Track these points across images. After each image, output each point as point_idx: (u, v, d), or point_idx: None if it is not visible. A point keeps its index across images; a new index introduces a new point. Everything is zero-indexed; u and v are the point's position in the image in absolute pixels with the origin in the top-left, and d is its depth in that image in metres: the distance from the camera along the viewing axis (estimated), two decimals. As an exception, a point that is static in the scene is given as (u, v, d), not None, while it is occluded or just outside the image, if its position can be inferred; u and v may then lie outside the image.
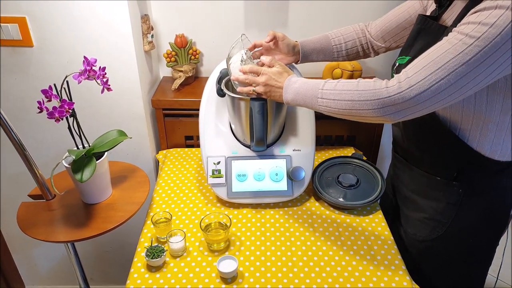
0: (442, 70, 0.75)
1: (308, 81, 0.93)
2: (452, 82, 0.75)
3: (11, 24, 1.22)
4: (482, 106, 0.85)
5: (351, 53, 1.18)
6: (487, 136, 0.89)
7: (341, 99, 0.85)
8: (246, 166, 1.18)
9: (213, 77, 1.20)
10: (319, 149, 1.46)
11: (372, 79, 0.85)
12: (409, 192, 1.09)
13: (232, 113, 1.15)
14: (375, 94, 0.81)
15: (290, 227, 1.12)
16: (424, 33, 0.94)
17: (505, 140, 0.90)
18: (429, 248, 1.05)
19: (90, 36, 1.25)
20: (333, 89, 0.87)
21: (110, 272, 1.79)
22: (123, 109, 1.39)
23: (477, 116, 0.87)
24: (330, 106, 0.88)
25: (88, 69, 0.99)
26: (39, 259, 1.76)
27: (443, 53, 0.76)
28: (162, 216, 1.12)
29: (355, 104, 0.83)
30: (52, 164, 1.07)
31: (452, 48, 0.75)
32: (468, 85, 0.76)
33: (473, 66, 0.73)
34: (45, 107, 0.97)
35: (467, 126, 0.89)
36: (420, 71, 0.77)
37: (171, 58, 1.46)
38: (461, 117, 0.88)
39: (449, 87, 0.75)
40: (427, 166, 1.01)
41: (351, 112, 0.85)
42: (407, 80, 0.78)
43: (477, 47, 0.72)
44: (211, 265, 1.01)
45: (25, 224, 1.07)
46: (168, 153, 1.46)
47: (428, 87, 0.76)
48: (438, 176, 0.98)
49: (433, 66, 0.76)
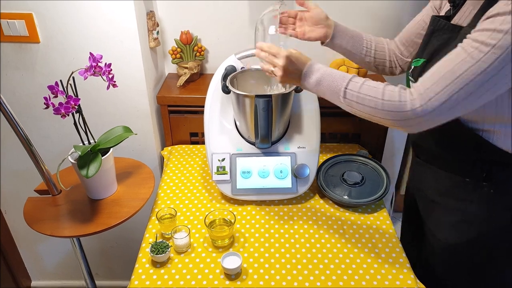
0: (460, 80, 0.74)
1: (332, 72, 0.89)
2: (471, 91, 0.74)
3: (18, 21, 1.22)
4: (504, 108, 0.83)
5: (378, 58, 1.13)
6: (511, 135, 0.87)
7: (364, 104, 0.84)
8: (250, 163, 1.18)
9: (218, 74, 1.20)
10: (324, 147, 1.45)
11: (397, 87, 0.83)
12: (437, 196, 1.03)
13: (237, 110, 1.15)
14: (399, 107, 0.80)
15: (294, 225, 1.12)
16: (438, 34, 0.92)
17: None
18: (460, 251, 1.01)
19: (96, 33, 1.25)
20: (358, 92, 0.85)
21: (115, 267, 1.81)
22: (128, 106, 1.39)
23: (499, 117, 0.85)
24: (351, 106, 0.87)
25: (94, 65, 1.00)
26: (45, 254, 1.78)
27: (460, 62, 0.75)
28: (167, 212, 1.12)
29: (377, 112, 0.83)
30: (58, 159, 1.07)
31: (469, 57, 0.74)
32: (488, 93, 0.75)
33: (491, 74, 0.72)
34: (51, 103, 0.98)
35: (491, 127, 0.87)
36: (438, 81, 0.76)
37: (177, 55, 1.46)
38: (483, 119, 0.86)
39: (469, 97, 0.75)
40: (455, 168, 0.97)
41: (371, 118, 0.85)
42: (426, 92, 0.77)
43: (494, 54, 0.71)
44: (215, 261, 1.01)
45: (31, 219, 1.08)
46: (173, 149, 1.46)
47: (447, 98, 0.75)
48: (467, 177, 0.95)
49: (450, 76, 0.75)
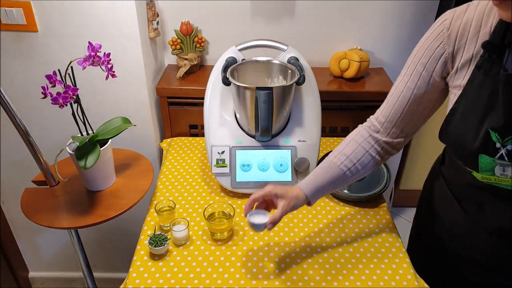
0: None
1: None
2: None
3: (16, 9, 1.20)
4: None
5: (368, 167, 0.92)
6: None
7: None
8: (250, 156, 1.17)
9: (219, 66, 1.18)
10: (324, 141, 1.45)
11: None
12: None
13: (237, 102, 1.14)
14: None
15: (294, 218, 1.12)
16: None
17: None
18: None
19: (95, 22, 1.24)
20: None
21: (113, 259, 1.80)
22: (127, 97, 1.38)
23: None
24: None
25: (92, 54, 0.98)
26: (43, 245, 1.78)
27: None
28: (166, 205, 1.11)
29: None
30: (56, 150, 1.06)
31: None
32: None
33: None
34: (49, 93, 0.96)
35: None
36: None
37: (176, 46, 1.44)
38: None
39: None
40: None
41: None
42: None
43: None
44: (214, 254, 1.01)
45: (29, 210, 1.07)
46: (172, 141, 1.45)
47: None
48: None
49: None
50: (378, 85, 1.45)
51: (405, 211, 2.27)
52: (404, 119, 0.88)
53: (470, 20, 0.75)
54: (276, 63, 1.19)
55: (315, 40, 1.50)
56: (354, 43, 1.50)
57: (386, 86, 1.43)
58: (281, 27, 1.46)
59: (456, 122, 0.78)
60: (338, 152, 0.92)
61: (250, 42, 1.19)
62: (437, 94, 0.84)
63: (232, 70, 1.14)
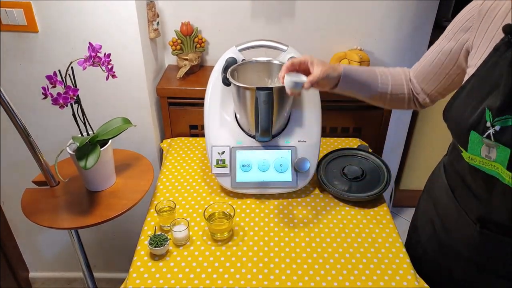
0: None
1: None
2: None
3: (16, 9, 1.20)
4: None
5: (395, 95, 0.98)
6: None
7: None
8: (250, 157, 1.17)
9: (219, 66, 1.18)
10: (324, 141, 1.45)
11: None
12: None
13: (237, 103, 1.14)
14: None
15: (294, 218, 1.12)
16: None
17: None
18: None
19: (96, 23, 1.24)
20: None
21: (113, 259, 1.80)
22: (127, 97, 1.38)
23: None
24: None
25: (93, 55, 0.98)
26: (43, 245, 1.78)
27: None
28: (166, 205, 1.11)
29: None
30: (56, 150, 1.06)
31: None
32: None
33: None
34: (49, 93, 0.96)
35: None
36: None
37: (177, 46, 1.45)
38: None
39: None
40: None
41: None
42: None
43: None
44: (214, 255, 1.01)
45: (29, 211, 1.07)
46: (172, 142, 1.45)
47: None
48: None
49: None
50: (378, 85, 1.45)
51: (405, 211, 2.27)
52: (429, 75, 0.93)
53: (502, 3, 0.76)
54: (276, 63, 1.19)
55: (315, 40, 1.50)
56: (354, 44, 1.50)
57: (386, 86, 1.43)
58: (281, 27, 1.46)
59: (460, 100, 0.80)
60: (384, 70, 0.99)
61: (250, 43, 1.19)
62: (458, 65, 0.87)
63: (232, 70, 1.14)
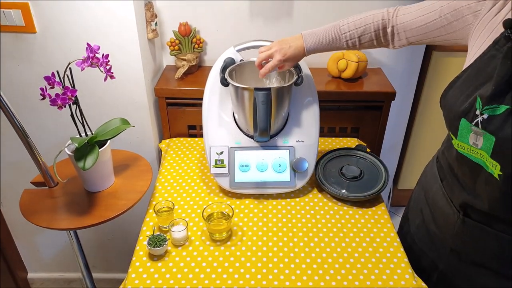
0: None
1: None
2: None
3: (14, 10, 1.20)
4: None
5: (363, 41, 1.02)
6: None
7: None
8: (249, 157, 1.17)
9: (217, 66, 1.19)
10: (322, 141, 1.45)
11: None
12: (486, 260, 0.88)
13: (235, 103, 1.14)
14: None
15: (293, 218, 1.12)
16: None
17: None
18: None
19: (94, 23, 1.24)
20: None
21: (112, 260, 1.80)
22: (126, 98, 1.38)
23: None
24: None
25: (91, 56, 0.98)
26: (42, 246, 1.77)
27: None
28: (165, 205, 1.11)
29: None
30: (55, 151, 1.06)
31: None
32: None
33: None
34: (47, 94, 0.96)
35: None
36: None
37: (175, 47, 1.45)
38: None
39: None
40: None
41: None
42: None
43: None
44: (213, 255, 1.01)
45: (27, 211, 1.07)
46: (170, 142, 1.46)
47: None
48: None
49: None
50: (376, 85, 1.45)
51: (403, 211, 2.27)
52: (419, 30, 0.94)
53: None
54: (274, 63, 1.19)
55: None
56: (352, 44, 1.50)
57: (384, 86, 1.44)
58: (279, 27, 1.46)
59: (455, 88, 0.82)
60: (350, 27, 1.03)
61: (248, 43, 1.20)
62: (454, 34, 0.87)
63: (230, 71, 1.14)
